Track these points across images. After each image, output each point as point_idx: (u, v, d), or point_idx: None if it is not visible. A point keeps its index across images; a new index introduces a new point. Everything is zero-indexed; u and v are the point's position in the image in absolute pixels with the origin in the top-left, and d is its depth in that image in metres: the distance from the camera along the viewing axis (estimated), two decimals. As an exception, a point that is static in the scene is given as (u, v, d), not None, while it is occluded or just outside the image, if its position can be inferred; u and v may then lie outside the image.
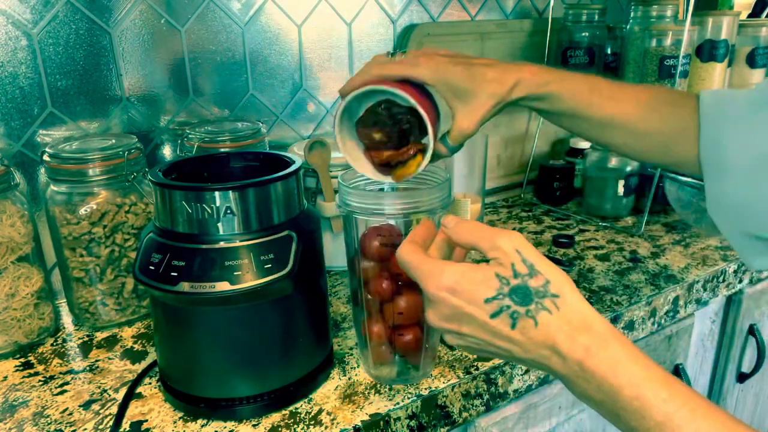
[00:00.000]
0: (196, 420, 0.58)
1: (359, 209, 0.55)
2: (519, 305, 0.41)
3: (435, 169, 0.60)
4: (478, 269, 0.43)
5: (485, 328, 0.42)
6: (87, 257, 0.72)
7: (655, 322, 0.83)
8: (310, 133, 1.04)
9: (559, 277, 0.42)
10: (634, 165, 1.08)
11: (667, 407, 0.36)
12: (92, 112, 0.83)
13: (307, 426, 0.57)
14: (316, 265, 0.62)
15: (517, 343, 0.41)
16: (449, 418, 0.64)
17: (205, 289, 0.52)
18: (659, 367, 0.39)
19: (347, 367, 0.66)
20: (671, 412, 0.36)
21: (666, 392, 0.37)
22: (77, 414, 0.60)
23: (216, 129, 0.86)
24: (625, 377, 0.38)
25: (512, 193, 1.28)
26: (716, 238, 1.00)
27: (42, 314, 0.73)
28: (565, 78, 0.61)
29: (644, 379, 0.38)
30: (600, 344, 0.39)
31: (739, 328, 1.03)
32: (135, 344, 0.73)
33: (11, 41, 0.75)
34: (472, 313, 0.42)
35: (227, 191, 0.53)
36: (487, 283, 0.42)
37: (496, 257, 0.43)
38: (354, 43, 1.04)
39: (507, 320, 0.41)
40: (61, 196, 0.72)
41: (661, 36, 0.99)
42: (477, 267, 0.43)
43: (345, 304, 0.81)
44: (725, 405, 1.10)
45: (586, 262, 0.92)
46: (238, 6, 0.91)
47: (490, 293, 0.41)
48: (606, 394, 0.39)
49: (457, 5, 1.14)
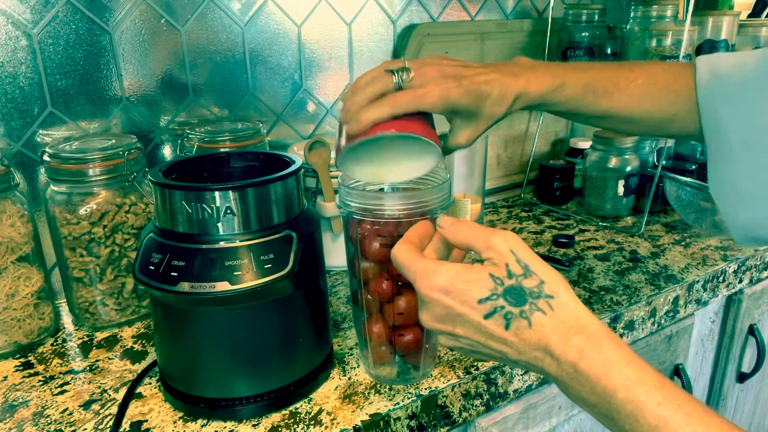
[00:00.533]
0: (196, 420, 0.58)
1: (359, 209, 0.55)
2: (513, 306, 0.41)
3: (435, 169, 0.60)
4: (472, 269, 0.42)
5: (479, 329, 0.42)
6: (87, 257, 0.72)
7: (655, 322, 0.83)
8: (310, 133, 1.04)
9: (553, 278, 0.42)
10: (634, 165, 1.09)
11: (661, 410, 0.36)
12: (92, 112, 0.83)
13: (307, 426, 0.57)
14: (316, 265, 0.62)
15: (511, 344, 0.41)
16: (449, 418, 0.64)
17: (205, 289, 0.52)
18: (654, 369, 0.38)
19: (347, 367, 0.66)
20: (666, 415, 0.36)
21: (660, 395, 0.36)
22: (77, 414, 0.60)
23: (216, 129, 0.86)
24: (619, 380, 0.37)
25: (512, 193, 1.28)
26: (716, 238, 1.00)
27: (42, 314, 0.73)
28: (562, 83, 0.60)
29: (638, 382, 0.37)
30: (594, 346, 0.39)
31: (739, 328, 1.03)
32: (135, 344, 0.73)
33: (11, 41, 0.75)
34: (465, 314, 0.42)
35: (227, 191, 0.53)
36: (481, 283, 0.41)
37: (490, 257, 0.43)
38: (354, 43, 1.04)
39: (501, 321, 0.41)
40: (61, 196, 0.72)
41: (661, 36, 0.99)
42: (471, 267, 0.43)
43: (345, 304, 0.81)
44: (725, 405, 1.10)
45: (586, 262, 0.92)
46: (238, 6, 0.91)
47: (483, 293, 0.41)
48: (600, 396, 0.38)
49: (457, 5, 1.14)
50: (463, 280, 0.42)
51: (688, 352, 0.95)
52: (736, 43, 1.12)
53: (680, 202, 1.01)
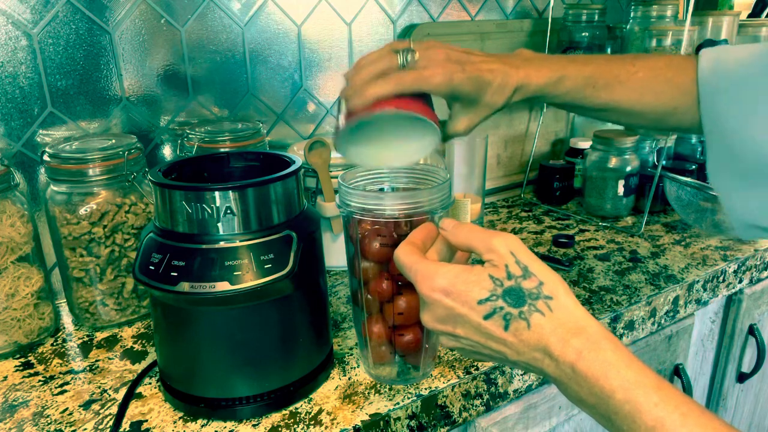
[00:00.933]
0: (196, 420, 0.58)
1: (359, 209, 0.55)
2: (512, 307, 0.41)
3: (435, 169, 0.60)
4: (472, 271, 0.43)
5: (479, 329, 0.42)
6: (87, 257, 0.72)
7: (655, 322, 0.83)
8: (310, 133, 1.04)
9: (552, 279, 0.42)
10: (634, 165, 1.09)
11: (658, 411, 0.36)
12: (92, 112, 0.83)
13: (307, 426, 0.57)
14: (316, 265, 0.62)
15: (510, 345, 0.41)
16: (449, 418, 0.64)
17: (205, 289, 0.52)
18: (652, 371, 0.38)
19: (347, 367, 0.66)
20: (663, 416, 0.36)
21: (657, 396, 0.37)
22: (77, 414, 0.60)
23: (216, 129, 0.86)
24: (617, 381, 0.38)
25: (512, 193, 1.28)
26: (716, 238, 1.00)
27: (42, 314, 0.73)
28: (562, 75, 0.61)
29: (636, 383, 0.37)
30: (592, 347, 0.39)
31: (739, 328, 1.03)
32: (135, 344, 0.73)
33: (11, 41, 0.75)
34: (465, 315, 0.42)
35: (227, 191, 0.53)
36: (481, 284, 0.42)
37: (490, 259, 0.43)
38: (354, 43, 1.04)
39: (500, 322, 0.41)
40: (61, 196, 0.72)
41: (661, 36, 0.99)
42: (471, 268, 0.43)
43: (345, 304, 0.81)
44: (725, 405, 1.10)
45: (586, 262, 0.92)
46: (238, 6, 0.91)
47: (483, 294, 0.41)
48: (598, 397, 0.38)
49: (457, 5, 1.14)
50: (464, 281, 0.42)
51: (688, 352, 0.95)
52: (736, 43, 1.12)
53: (680, 202, 1.01)
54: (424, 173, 0.60)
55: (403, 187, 0.61)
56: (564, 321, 0.40)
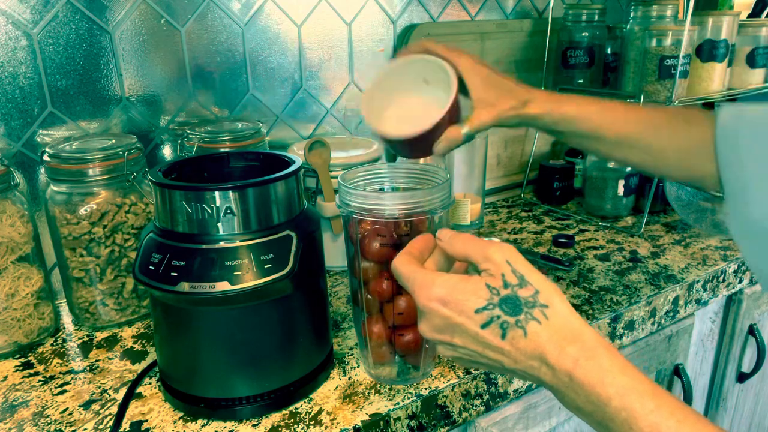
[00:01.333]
0: (196, 420, 0.58)
1: (359, 209, 0.55)
2: (509, 315, 0.41)
3: (435, 169, 0.60)
4: (469, 280, 0.43)
5: (476, 338, 0.42)
6: (87, 257, 0.72)
7: (655, 322, 0.83)
8: (310, 133, 1.04)
9: (548, 288, 0.42)
10: (634, 165, 1.08)
11: (654, 418, 0.36)
12: (92, 112, 0.83)
13: (307, 426, 0.57)
14: (316, 265, 0.62)
15: (507, 353, 0.42)
16: (449, 418, 0.64)
17: (205, 289, 0.52)
18: (647, 378, 0.39)
19: (347, 367, 0.66)
20: (658, 422, 0.36)
21: (653, 403, 0.37)
22: (77, 414, 0.60)
23: (216, 129, 0.86)
24: (613, 388, 0.38)
25: (512, 193, 1.28)
26: (716, 238, 1.00)
27: (42, 314, 0.73)
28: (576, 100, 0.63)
29: (632, 390, 0.38)
30: (589, 355, 0.39)
31: (739, 328, 1.03)
32: (135, 344, 0.73)
33: (11, 41, 0.75)
34: (462, 324, 0.42)
35: (227, 191, 0.53)
36: (478, 293, 0.42)
37: (487, 268, 0.43)
38: (354, 43, 1.04)
39: (497, 330, 0.41)
40: (61, 196, 0.72)
41: (661, 36, 0.99)
42: (468, 278, 0.43)
43: (345, 304, 0.81)
44: (725, 405, 1.10)
45: (586, 262, 0.92)
46: (238, 6, 0.91)
47: (480, 303, 0.42)
48: (595, 404, 0.39)
49: (457, 5, 1.14)
50: (461, 291, 0.42)
51: (688, 352, 0.95)
52: (736, 43, 1.12)
53: (680, 202, 1.01)
54: (424, 173, 0.60)
55: (403, 187, 0.61)
56: (560, 329, 0.40)
